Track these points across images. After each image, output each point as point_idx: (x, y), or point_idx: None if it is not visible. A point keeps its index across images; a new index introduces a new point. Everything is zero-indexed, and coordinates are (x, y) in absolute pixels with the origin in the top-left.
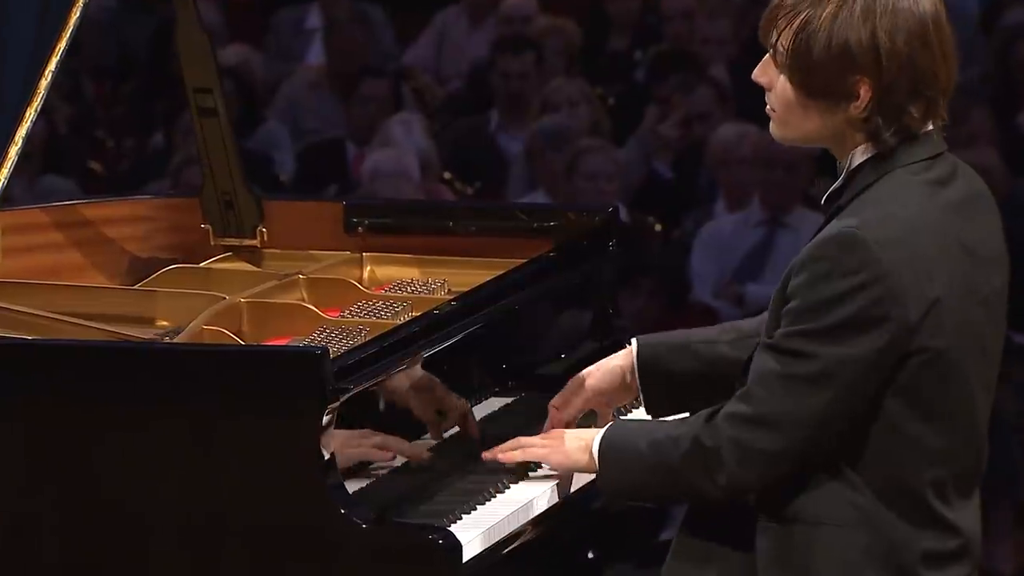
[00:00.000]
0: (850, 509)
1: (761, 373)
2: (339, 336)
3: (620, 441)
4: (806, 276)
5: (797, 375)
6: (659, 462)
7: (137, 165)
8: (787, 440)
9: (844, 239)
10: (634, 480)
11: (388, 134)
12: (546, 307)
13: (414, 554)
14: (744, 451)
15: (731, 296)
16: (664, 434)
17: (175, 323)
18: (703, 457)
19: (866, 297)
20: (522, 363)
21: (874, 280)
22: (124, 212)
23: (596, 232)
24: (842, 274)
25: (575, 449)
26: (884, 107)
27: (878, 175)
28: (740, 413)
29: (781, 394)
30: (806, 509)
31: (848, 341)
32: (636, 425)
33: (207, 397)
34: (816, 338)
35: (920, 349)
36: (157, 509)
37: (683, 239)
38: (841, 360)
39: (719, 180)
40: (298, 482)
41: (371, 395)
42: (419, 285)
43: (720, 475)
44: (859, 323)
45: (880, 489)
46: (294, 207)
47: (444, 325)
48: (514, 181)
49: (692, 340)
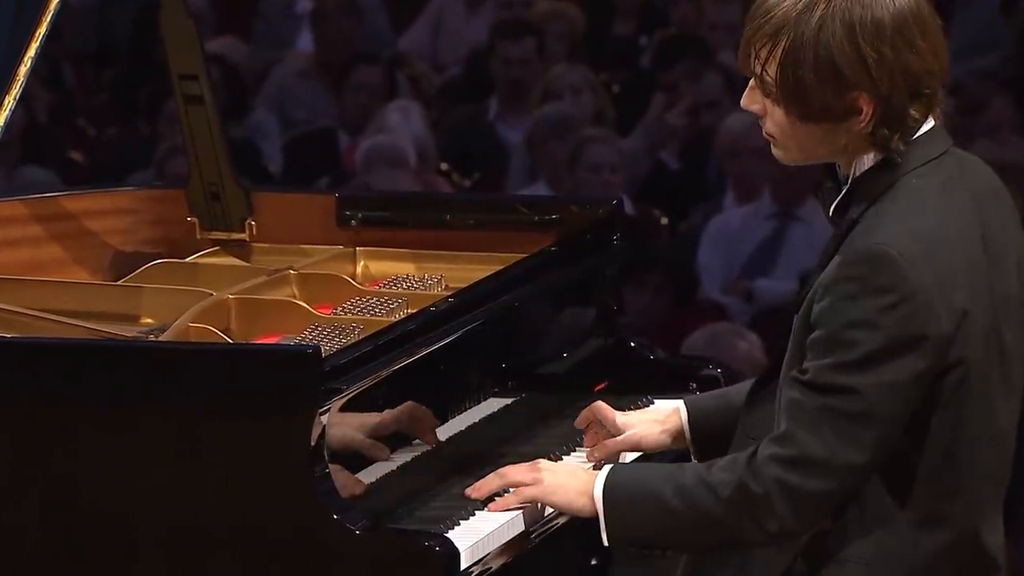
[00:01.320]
0: (874, 544)
1: (798, 412)
2: (331, 334)
3: (635, 487)
4: (832, 299)
5: (840, 411)
6: (693, 510)
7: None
8: (839, 480)
9: (874, 256)
10: (656, 529)
11: (384, 122)
12: (547, 304)
13: (410, 561)
14: (795, 495)
15: (740, 292)
16: (694, 480)
17: (160, 320)
18: (751, 504)
19: (899, 316)
20: (522, 362)
21: (906, 298)
22: (106, 204)
23: (600, 225)
24: (873, 294)
25: (571, 491)
26: (887, 116)
27: (889, 183)
28: (785, 456)
29: (824, 433)
30: (830, 546)
31: (888, 367)
32: (646, 469)
33: (193, 398)
34: (853, 369)
35: (956, 362)
36: (141, 515)
37: (690, 232)
38: (883, 388)
39: (728, 171)
40: (289, 487)
41: (365, 396)
42: (415, 281)
43: (770, 522)
44: (896, 346)
45: (916, 521)
46: (284, 199)
47: (441, 323)
48: (514, 172)
49: (741, 399)
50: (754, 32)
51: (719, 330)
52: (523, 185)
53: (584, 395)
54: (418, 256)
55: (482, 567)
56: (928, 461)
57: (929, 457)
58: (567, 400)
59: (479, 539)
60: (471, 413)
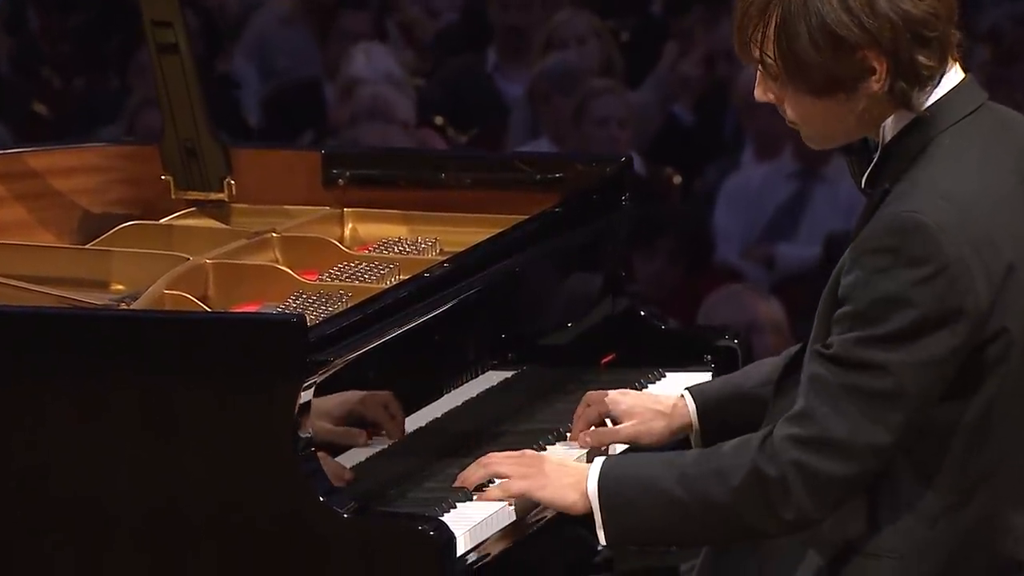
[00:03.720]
0: (907, 538)
1: (821, 388)
2: (317, 302)
3: (633, 480)
4: (862, 272)
5: (866, 390)
6: (700, 500)
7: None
8: (862, 463)
9: (906, 225)
10: (659, 525)
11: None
12: (550, 270)
13: (402, 547)
14: (814, 479)
15: (760, 257)
16: (700, 467)
17: (132, 287)
18: (765, 490)
19: (934, 289)
20: (524, 333)
21: (942, 269)
22: (73, 162)
23: (607, 185)
24: (906, 265)
25: (563, 486)
26: (900, 69)
27: (921, 145)
28: (804, 436)
29: (849, 412)
30: (860, 539)
31: (921, 344)
32: (642, 459)
33: (169, 371)
34: (883, 345)
35: (996, 334)
36: (114, 498)
37: (706, 193)
38: (914, 367)
39: (746, 126)
40: (271, 467)
41: (353, 369)
42: (407, 244)
43: (786, 509)
44: (931, 321)
45: (948, 506)
46: (265, 156)
47: (436, 290)
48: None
49: (751, 384)
50: (742, 16)
51: (737, 291)
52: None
53: (590, 368)
54: (411, 218)
55: (480, 553)
56: (963, 443)
57: (964, 439)
58: (571, 374)
59: (477, 523)
60: (468, 388)
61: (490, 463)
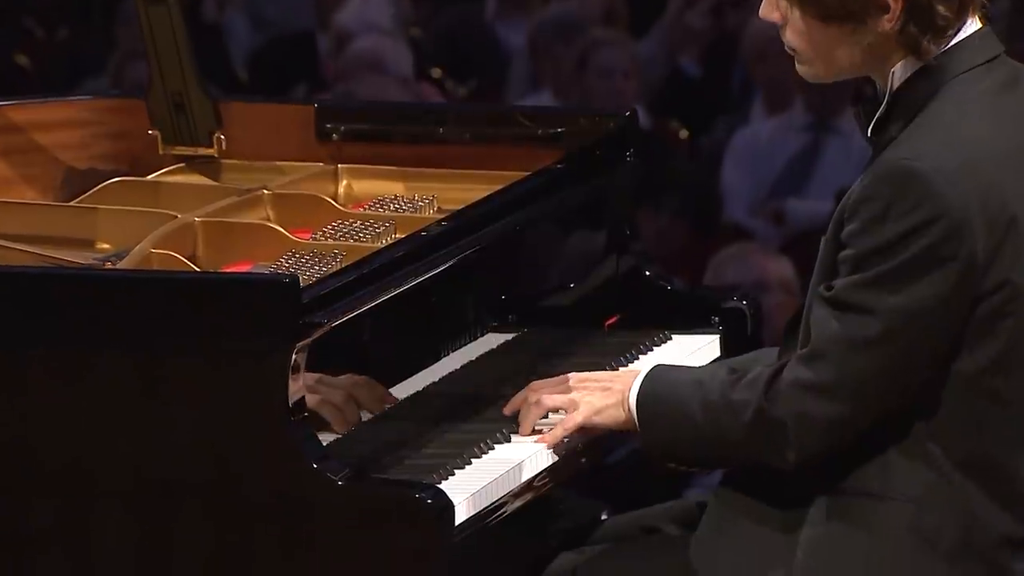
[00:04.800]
0: (921, 483)
1: (821, 331)
2: (310, 262)
3: (666, 396)
4: (860, 219)
5: (858, 335)
6: (715, 428)
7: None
8: (853, 407)
9: (897, 173)
10: (684, 446)
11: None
12: (552, 228)
13: (398, 516)
14: (809, 423)
15: (770, 214)
16: (719, 394)
17: (118, 245)
18: (768, 430)
19: (928, 237)
20: (524, 294)
21: (936, 217)
22: (57, 116)
23: (611, 140)
24: (899, 214)
25: (612, 405)
26: (914, 11)
27: (930, 92)
28: (805, 380)
29: (844, 356)
30: (870, 482)
31: (910, 289)
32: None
33: (156, 334)
34: (875, 289)
35: (997, 286)
36: (98, 463)
37: (713, 147)
38: (904, 312)
39: (756, 78)
40: (263, 433)
41: (347, 331)
42: (404, 202)
43: (788, 450)
44: (920, 267)
45: (961, 461)
46: (257, 111)
47: (433, 249)
48: (515, 79)
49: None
50: None
51: (746, 250)
52: (525, 94)
53: (593, 330)
54: (407, 174)
55: (480, 522)
56: (975, 393)
57: (976, 389)
58: (574, 336)
59: (476, 491)
60: (467, 350)
61: (540, 400)
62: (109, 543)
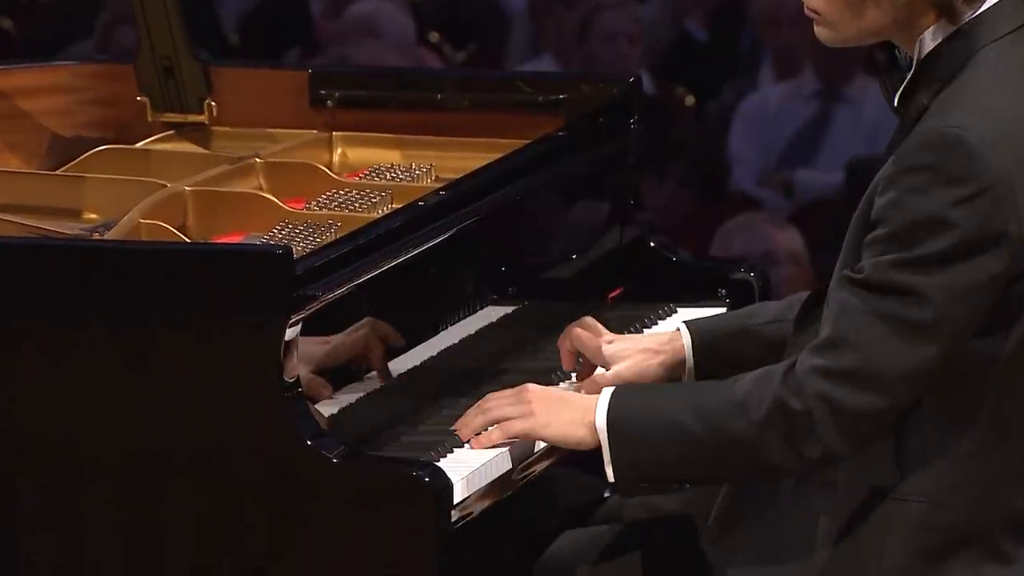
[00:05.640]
0: (935, 477)
1: (850, 316)
2: (304, 232)
3: (644, 414)
4: (897, 192)
5: (899, 317)
6: (719, 435)
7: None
8: (893, 396)
9: (942, 142)
10: (673, 462)
11: None
12: (554, 198)
13: (394, 495)
14: (841, 413)
15: (778, 184)
16: (718, 400)
17: (105, 216)
18: (789, 425)
19: (976, 211)
20: (525, 266)
21: (984, 189)
22: (42, 81)
23: (614, 106)
24: (946, 184)
25: (569, 422)
26: None
27: (962, 61)
28: (831, 367)
29: (880, 341)
30: (885, 484)
31: (959, 268)
32: (654, 390)
33: (145, 306)
34: (918, 268)
35: None
36: (86, 439)
37: (720, 114)
38: (952, 293)
39: (765, 42)
40: (255, 409)
41: (342, 304)
42: (400, 171)
43: (812, 445)
44: (971, 245)
45: (978, 448)
46: (248, 76)
47: (431, 219)
48: (515, 44)
49: (756, 323)
50: None
51: (754, 220)
52: (525, 59)
53: (596, 304)
54: (404, 142)
55: (479, 501)
56: (998, 383)
57: (999, 378)
58: (576, 309)
59: (475, 469)
60: (466, 324)
61: (489, 407)
62: (98, 521)
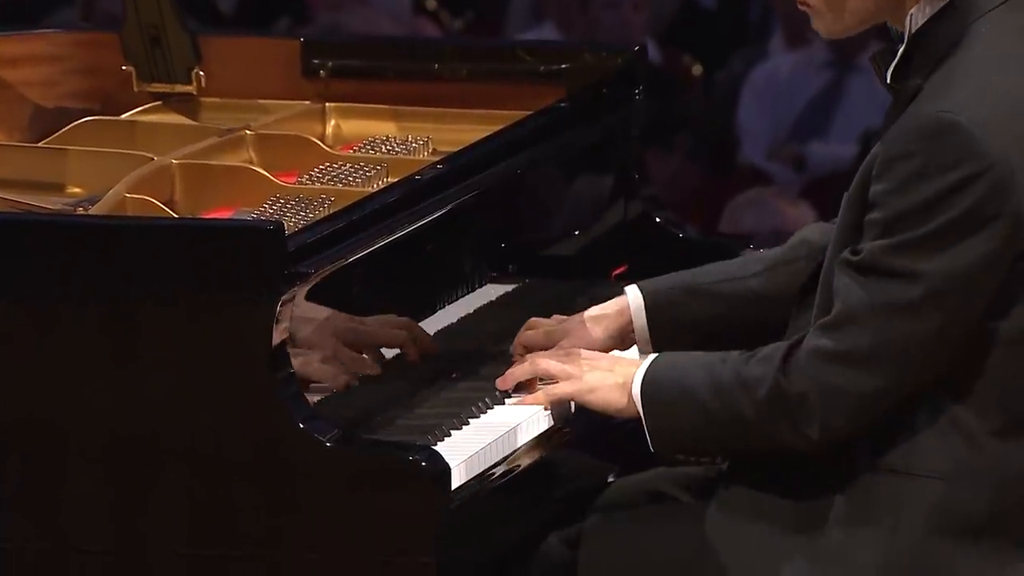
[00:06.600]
0: (950, 457)
1: (850, 298)
2: (296, 207)
3: (672, 385)
4: (893, 178)
5: (897, 300)
6: (728, 412)
7: None
8: (888, 378)
9: (935, 127)
10: (694, 433)
11: None
12: (556, 171)
13: (390, 480)
14: (836, 395)
15: (789, 157)
16: (731, 376)
17: (90, 190)
18: (786, 406)
19: (972, 194)
20: (526, 242)
21: (980, 172)
22: (23, 50)
23: (618, 76)
24: (940, 169)
25: (612, 387)
26: None
27: (955, 35)
28: (829, 350)
29: (879, 324)
30: (900, 458)
31: (954, 249)
32: (687, 362)
33: (131, 284)
34: (916, 251)
35: None
36: (71, 421)
37: (729, 84)
38: (949, 274)
39: (775, 9)
40: (246, 390)
41: (336, 282)
42: (396, 143)
43: (811, 427)
44: (966, 226)
45: (997, 428)
46: (238, 45)
47: (428, 194)
48: (515, 12)
49: (708, 280)
50: None
51: (764, 195)
52: (526, 27)
53: (600, 281)
54: (400, 114)
55: (477, 486)
56: (1011, 361)
57: (1012, 356)
58: (579, 288)
59: (473, 453)
60: (464, 302)
61: (538, 362)
62: (84, 505)
